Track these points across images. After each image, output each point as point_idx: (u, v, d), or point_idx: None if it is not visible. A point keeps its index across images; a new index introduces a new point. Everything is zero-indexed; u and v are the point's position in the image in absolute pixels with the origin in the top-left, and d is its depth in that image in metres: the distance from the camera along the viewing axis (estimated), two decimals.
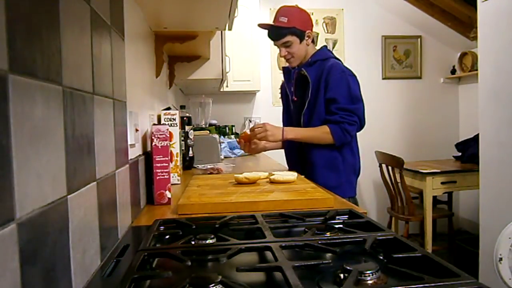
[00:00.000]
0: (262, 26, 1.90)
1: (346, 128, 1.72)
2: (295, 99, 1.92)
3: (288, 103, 2.02)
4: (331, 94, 1.75)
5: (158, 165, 1.19)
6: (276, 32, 1.82)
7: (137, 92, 1.20)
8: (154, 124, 1.24)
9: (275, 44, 1.88)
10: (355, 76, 1.82)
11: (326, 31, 3.94)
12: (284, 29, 1.79)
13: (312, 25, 1.89)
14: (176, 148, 1.50)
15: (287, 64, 1.97)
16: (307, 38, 1.83)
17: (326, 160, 1.80)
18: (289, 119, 2.00)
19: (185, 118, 1.89)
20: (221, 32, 2.29)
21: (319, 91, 1.78)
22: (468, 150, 3.32)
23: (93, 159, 0.69)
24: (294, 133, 1.77)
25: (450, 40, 4.04)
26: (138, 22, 1.27)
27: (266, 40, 3.88)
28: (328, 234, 0.81)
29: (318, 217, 0.96)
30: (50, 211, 0.50)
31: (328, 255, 0.73)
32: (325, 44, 2.01)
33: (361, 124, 1.77)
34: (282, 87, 2.11)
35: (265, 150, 2.05)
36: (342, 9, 3.93)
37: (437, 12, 3.89)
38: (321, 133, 1.75)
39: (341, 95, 1.74)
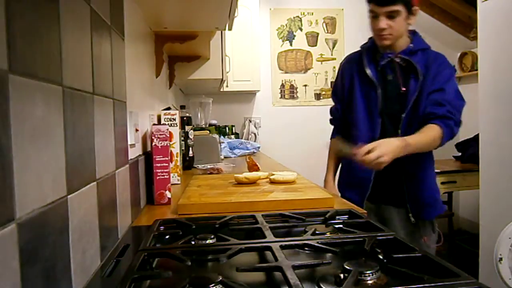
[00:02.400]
0: None
1: (453, 127, 1.39)
2: (403, 90, 1.49)
3: (367, 91, 1.53)
4: (439, 85, 1.41)
5: (158, 165, 1.19)
6: None
7: (137, 92, 1.20)
8: (154, 124, 1.24)
9: (372, 11, 1.45)
10: None
11: (326, 31, 3.94)
12: None
13: (418, 2, 1.47)
14: (176, 148, 1.50)
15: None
16: (412, 16, 1.45)
17: (427, 164, 1.51)
18: (372, 117, 1.52)
19: (185, 118, 1.89)
20: (221, 32, 2.29)
21: (425, 86, 1.44)
22: (468, 150, 3.32)
23: (93, 159, 0.69)
24: (414, 146, 1.33)
25: (450, 40, 4.04)
26: (138, 22, 1.27)
27: (266, 40, 3.93)
28: (328, 234, 0.81)
29: (318, 217, 0.96)
30: (50, 211, 0.50)
31: (328, 255, 0.73)
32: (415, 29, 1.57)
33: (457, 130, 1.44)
34: (351, 70, 1.61)
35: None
36: (342, 9, 3.92)
37: (437, 12, 3.89)
38: (433, 137, 1.38)
39: (450, 88, 1.42)
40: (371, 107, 1.52)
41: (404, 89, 1.47)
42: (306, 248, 0.74)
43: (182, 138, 1.84)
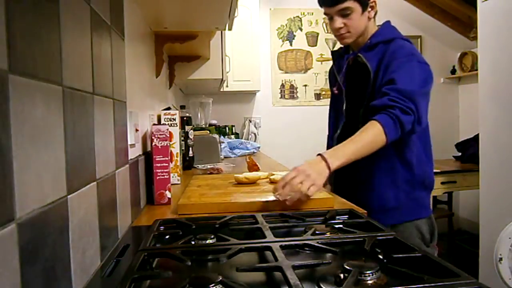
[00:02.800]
0: None
1: (397, 115, 1.20)
2: (339, 92, 1.50)
3: (338, 97, 1.54)
4: (388, 77, 1.30)
5: (158, 165, 1.19)
6: None
7: (137, 92, 1.20)
8: (154, 124, 1.24)
9: (326, 13, 1.42)
10: (428, 66, 1.35)
11: (326, 31, 3.94)
12: None
13: None
14: (176, 148, 1.50)
15: (335, 48, 1.59)
16: (370, 9, 1.40)
17: (382, 171, 1.35)
18: (338, 118, 1.54)
19: (185, 118, 1.89)
20: (221, 32, 2.29)
21: (377, 82, 1.35)
22: (468, 150, 3.32)
23: (93, 159, 0.69)
24: (341, 154, 1.18)
25: (450, 40, 4.04)
26: (138, 22, 1.27)
27: (266, 40, 3.93)
28: (328, 234, 0.81)
29: (318, 217, 0.96)
30: (50, 211, 0.50)
31: (328, 255, 0.73)
32: (388, 20, 1.48)
33: (419, 118, 1.24)
34: (331, 76, 1.64)
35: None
36: None
37: (437, 12, 3.89)
38: (373, 135, 1.21)
39: (400, 76, 1.27)
40: (337, 109, 1.52)
41: (360, 89, 1.41)
42: (306, 248, 0.74)
43: (182, 138, 1.84)
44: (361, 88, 1.41)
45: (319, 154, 1.18)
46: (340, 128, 1.48)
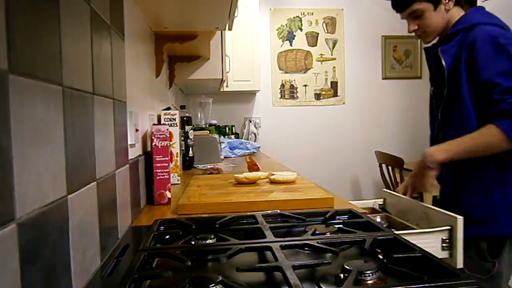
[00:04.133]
0: None
1: None
2: (434, 90, 1.41)
3: (431, 98, 1.47)
4: (483, 77, 1.19)
5: (158, 165, 1.19)
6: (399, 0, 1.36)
7: (137, 92, 1.20)
8: (154, 124, 1.24)
9: (402, 18, 1.41)
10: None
11: (326, 31, 3.94)
12: None
13: None
14: (176, 148, 1.51)
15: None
16: (446, 1, 1.31)
17: (475, 180, 1.26)
18: (433, 120, 1.46)
19: (185, 118, 1.89)
20: (221, 32, 2.29)
21: (458, 77, 1.25)
22: None
23: (93, 159, 0.69)
24: (444, 152, 1.21)
25: None
26: (138, 22, 1.27)
27: (266, 40, 3.93)
28: (328, 234, 0.81)
29: (318, 217, 0.96)
30: (50, 211, 0.50)
31: (328, 255, 0.73)
32: (479, 6, 1.43)
33: None
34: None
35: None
36: (342, 9, 3.93)
37: None
38: (486, 138, 1.16)
39: (498, 72, 1.17)
40: (431, 109, 1.46)
41: (440, 85, 1.33)
42: (306, 248, 0.74)
43: (182, 138, 1.84)
44: (440, 85, 1.34)
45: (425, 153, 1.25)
46: (435, 131, 1.40)
